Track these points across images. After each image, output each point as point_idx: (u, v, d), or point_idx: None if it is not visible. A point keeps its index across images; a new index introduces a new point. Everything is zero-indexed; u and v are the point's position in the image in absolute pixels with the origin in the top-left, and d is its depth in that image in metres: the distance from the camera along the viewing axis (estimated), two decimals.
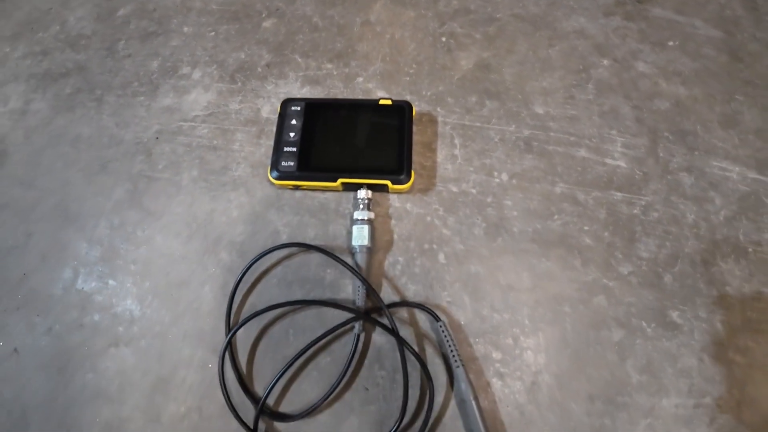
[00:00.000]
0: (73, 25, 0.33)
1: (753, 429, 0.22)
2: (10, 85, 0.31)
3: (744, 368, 0.23)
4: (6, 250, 0.26)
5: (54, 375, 0.23)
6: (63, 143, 0.28)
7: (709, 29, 0.32)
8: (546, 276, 0.22)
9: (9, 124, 0.29)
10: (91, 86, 0.30)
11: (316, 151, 0.23)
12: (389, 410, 0.20)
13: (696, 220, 0.25)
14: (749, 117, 0.28)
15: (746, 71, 0.30)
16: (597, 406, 0.21)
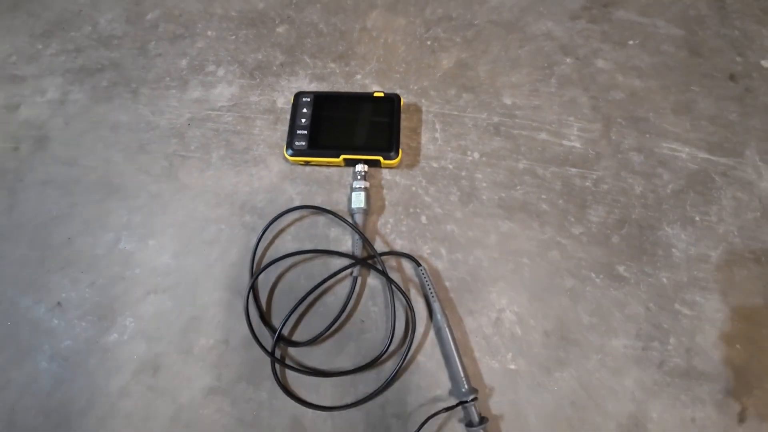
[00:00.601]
0: (104, 27, 0.40)
1: (704, 376, 0.27)
2: (47, 78, 0.38)
3: (692, 320, 0.28)
4: (50, 219, 0.32)
5: (95, 322, 0.29)
6: (103, 128, 0.35)
7: (671, 28, 0.38)
8: (509, 235, 0.29)
9: (48, 112, 0.36)
10: (127, 80, 0.36)
11: (322, 133, 0.30)
12: (380, 338, 0.27)
13: (644, 192, 0.31)
14: (703, 105, 0.34)
15: (705, 65, 0.36)
16: (552, 341, 0.27)
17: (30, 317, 0.30)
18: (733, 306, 0.29)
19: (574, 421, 0.26)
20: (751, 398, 0.27)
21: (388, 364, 0.27)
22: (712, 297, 0.29)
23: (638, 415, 0.27)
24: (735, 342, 0.28)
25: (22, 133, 0.36)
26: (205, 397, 0.27)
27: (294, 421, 0.26)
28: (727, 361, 0.28)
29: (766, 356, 0.28)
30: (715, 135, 0.33)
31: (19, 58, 0.40)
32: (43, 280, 0.31)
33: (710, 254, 0.30)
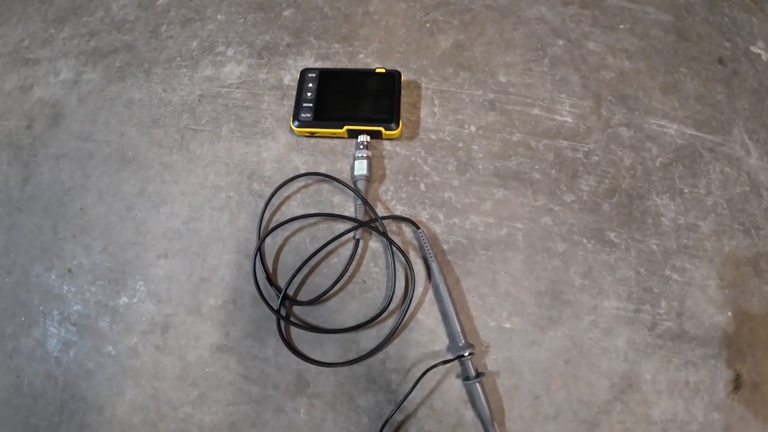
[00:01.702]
0: (116, 12, 0.43)
1: (696, 340, 0.29)
2: (60, 60, 0.41)
3: (682, 285, 0.30)
4: (64, 190, 0.35)
5: (106, 287, 0.31)
6: (117, 105, 0.38)
7: (660, 14, 0.40)
8: (503, 201, 0.31)
9: (62, 92, 0.39)
10: (140, 61, 0.39)
11: (327, 106, 0.33)
12: (381, 297, 0.29)
13: (633, 164, 0.33)
14: (691, 86, 0.36)
15: (693, 49, 0.38)
16: (545, 301, 0.29)
17: (41, 284, 0.33)
18: (722, 274, 0.31)
19: (568, 378, 0.28)
20: (744, 365, 0.29)
21: (388, 321, 0.29)
22: (702, 264, 0.31)
23: (631, 375, 0.29)
24: (726, 309, 0.30)
25: (35, 112, 0.39)
26: (212, 354, 0.29)
27: (298, 376, 0.28)
28: (718, 328, 0.30)
29: (757, 324, 0.30)
30: (703, 113, 0.35)
31: (32, 43, 0.43)
32: (56, 248, 0.33)
33: (699, 224, 0.32)
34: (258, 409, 0.28)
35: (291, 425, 0.27)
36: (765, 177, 0.34)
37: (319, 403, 0.27)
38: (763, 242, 0.32)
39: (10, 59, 0.42)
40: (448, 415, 0.27)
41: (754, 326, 0.30)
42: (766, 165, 0.34)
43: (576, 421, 0.27)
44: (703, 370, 0.28)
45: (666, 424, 0.27)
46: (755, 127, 0.35)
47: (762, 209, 0.33)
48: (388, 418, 0.26)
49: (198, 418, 0.28)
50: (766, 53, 0.40)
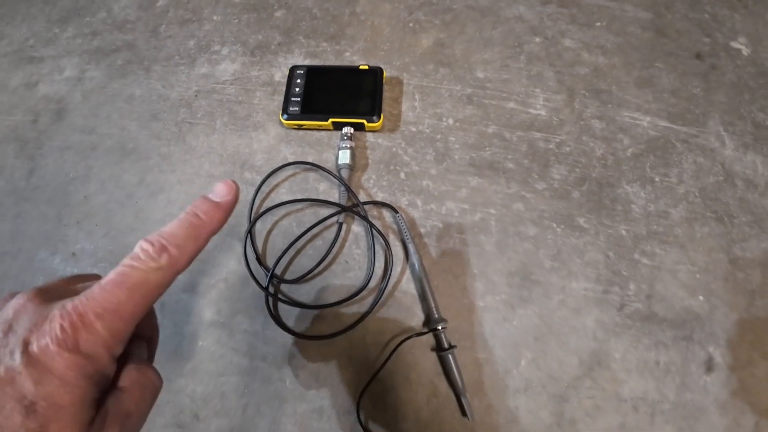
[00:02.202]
0: (118, 13, 0.46)
1: (666, 322, 0.31)
2: (64, 58, 0.44)
3: (651, 269, 0.32)
4: (68, 180, 0.38)
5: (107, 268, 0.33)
6: (118, 100, 0.41)
7: (639, 12, 0.42)
8: (477, 189, 0.34)
9: (66, 88, 0.42)
10: (140, 59, 0.42)
11: (314, 100, 0.35)
12: (362, 276, 0.32)
13: (604, 155, 0.35)
14: (666, 80, 0.38)
15: (670, 44, 0.40)
16: (516, 281, 0.32)
17: (45, 267, 0.35)
18: (694, 260, 0.33)
19: (538, 354, 0.30)
20: (718, 348, 0.31)
21: (368, 298, 0.31)
22: (672, 250, 0.33)
23: (600, 353, 0.31)
24: (697, 293, 0.32)
25: (40, 107, 0.42)
26: (205, 329, 0.32)
27: (285, 349, 0.31)
28: (690, 311, 0.32)
29: (730, 309, 0.32)
30: (678, 106, 0.37)
31: (37, 42, 0.46)
32: (60, 234, 0.36)
33: (670, 211, 0.34)
34: (247, 380, 0.30)
35: (277, 394, 0.30)
36: (740, 167, 0.36)
37: (304, 373, 0.30)
38: (737, 230, 0.34)
39: (15, 57, 0.46)
40: (423, 386, 0.29)
41: (728, 311, 0.32)
42: (741, 156, 0.36)
43: (545, 394, 0.29)
44: (674, 351, 0.30)
45: (636, 401, 0.29)
46: (732, 120, 0.37)
47: (736, 198, 0.35)
48: (365, 386, 0.29)
49: (191, 388, 0.30)
50: (747, 48, 0.42)
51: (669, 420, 0.29)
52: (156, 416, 0.31)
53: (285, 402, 0.30)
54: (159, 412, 0.31)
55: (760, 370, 0.31)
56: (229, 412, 0.30)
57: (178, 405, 0.30)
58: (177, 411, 0.31)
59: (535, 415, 0.29)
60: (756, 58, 0.40)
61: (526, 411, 0.29)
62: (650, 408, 0.30)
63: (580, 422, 0.29)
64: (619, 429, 0.30)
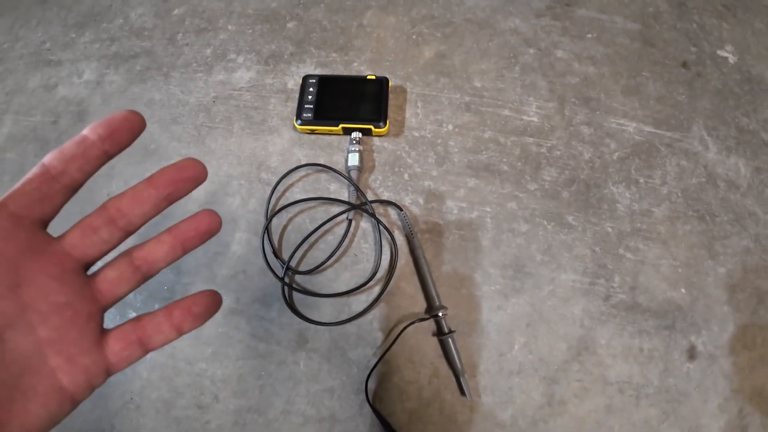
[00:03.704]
0: (135, 20, 0.51)
1: (649, 312, 0.35)
2: (83, 62, 0.48)
3: (635, 263, 0.37)
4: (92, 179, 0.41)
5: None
6: (138, 105, 0.45)
7: (628, 23, 0.47)
8: (475, 189, 0.39)
9: (86, 92, 0.47)
10: (159, 65, 0.47)
11: (325, 107, 0.40)
12: (370, 268, 0.37)
13: (591, 158, 0.40)
14: (653, 88, 0.43)
15: (657, 54, 0.45)
16: (509, 273, 0.36)
17: None
18: (676, 255, 0.37)
19: (530, 339, 0.35)
20: (699, 337, 0.35)
21: (375, 288, 0.36)
22: (655, 246, 0.37)
23: (587, 339, 0.35)
24: (679, 286, 0.36)
25: (61, 109, 0.47)
26: (225, 317, 0.36)
27: (299, 335, 0.36)
28: (672, 302, 0.36)
29: (711, 301, 0.36)
30: (663, 113, 0.42)
31: (53, 45, 0.51)
32: None
33: (653, 210, 0.39)
34: (263, 363, 0.35)
35: (291, 376, 0.34)
36: (723, 169, 0.41)
37: (316, 356, 0.35)
38: (718, 228, 0.39)
39: (32, 60, 0.50)
40: (425, 368, 0.34)
41: (710, 303, 0.36)
42: (724, 159, 0.41)
43: (537, 377, 0.34)
44: (657, 339, 0.35)
45: (622, 385, 0.34)
46: (715, 125, 0.42)
47: (718, 198, 0.40)
48: (373, 368, 0.33)
49: (211, 372, 0.35)
50: (733, 56, 0.47)
51: (653, 403, 0.34)
52: (177, 398, 0.35)
53: (299, 383, 0.34)
54: (179, 394, 0.35)
55: (741, 360, 0.35)
56: (246, 393, 0.35)
57: (199, 387, 0.35)
58: (198, 393, 0.35)
59: (528, 395, 0.34)
60: (742, 65, 0.45)
61: (519, 391, 0.34)
62: (635, 391, 0.34)
63: (569, 403, 0.34)
64: (606, 410, 0.34)
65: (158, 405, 0.35)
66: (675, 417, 0.34)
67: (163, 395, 0.35)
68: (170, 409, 0.35)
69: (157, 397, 0.35)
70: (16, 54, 0.52)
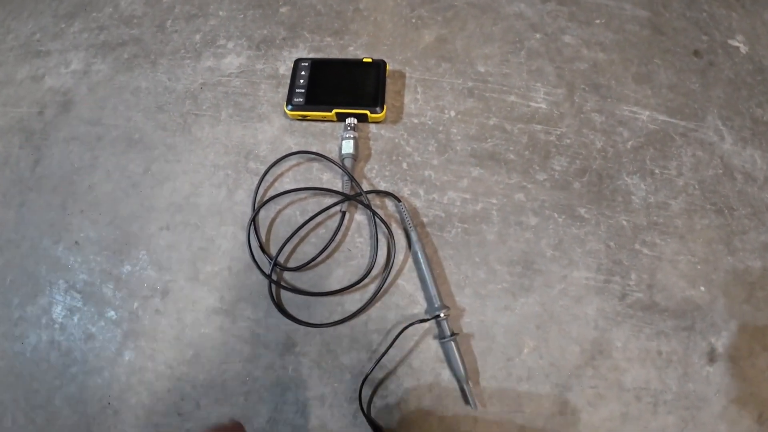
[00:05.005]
0: (125, 8, 0.45)
1: (667, 312, 0.30)
2: (71, 52, 0.43)
3: (652, 259, 0.31)
4: (74, 170, 0.37)
5: (110, 257, 0.34)
6: (124, 93, 0.40)
7: (637, 10, 0.42)
8: (479, 179, 0.33)
9: (72, 81, 0.41)
10: (146, 53, 0.41)
11: (318, 91, 0.35)
12: (365, 264, 0.31)
13: (604, 147, 0.35)
14: (665, 76, 0.38)
15: (667, 42, 0.39)
16: (517, 269, 0.31)
17: (49, 256, 0.34)
18: (694, 250, 0.32)
19: (540, 342, 0.29)
20: (719, 339, 0.30)
21: (370, 286, 0.30)
22: (672, 240, 0.32)
23: (602, 341, 0.30)
24: (698, 284, 0.31)
25: (47, 99, 0.41)
26: (208, 317, 0.31)
27: (287, 337, 0.30)
28: (691, 301, 0.31)
29: (731, 300, 0.31)
30: (676, 101, 0.37)
31: (43, 36, 0.45)
32: (64, 223, 0.35)
33: (669, 203, 0.33)
34: (249, 367, 0.29)
35: (280, 381, 0.29)
36: (739, 161, 0.35)
37: (306, 361, 0.29)
38: (736, 222, 0.33)
39: (22, 51, 0.45)
40: (426, 374, 0.28)
41: (729, 303, 0.31)
42: (740, 150, 0.35)
43: (548, 383, 0.28)
44: (676, 341, 0.29)
45: (639, 391, 0.28)
46: (730, 115, 0.37)
47: (735, 191, 0.34)
48: (368, 373, 0.27)
49: (192, 376, 0.29)
50: (745, 46, 0.41)
51: (672, 410, 0.29)
52: (156, 404, 0.30)
53: (287, 389, 0.29)
54: (159, 399, 0.30)
55: (761, 361, 0.30)
56: (230, 400, 0.29)
57: (179, 392, 0.29)
58: (178, 398, 0.30)
59: (538, 404, 0.28)
60: (753, 56, 0.39)
61: (528, 399, 0.28)
62: (653, 398, 0.29)
63: (582, 411, 0.28)
64: (622, 418, 0.29)
65: (137, 411, 0.30)
66: (694, 424, 0.28)
67: (143, 400, 0.30)
68: (150, 415, 0.30)
69: (137, 402, 0.30)
70: (7, 46, 0.46)
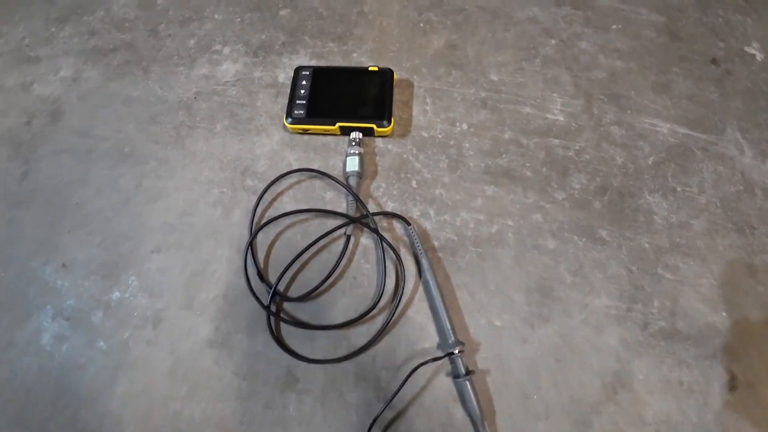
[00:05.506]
0: (117, 11, 0.40)
1: (690, 340, 0.26)
2: (60, 58, 0.38)
3: (675, 284, 0.28)
4: (63, 185, 0.32)
5: (99, 281, 0.29)
6: (115, 102, 0.35)
7: (653, 15, 0.37)
8: (493, 198, 0.29)
9: (62, 89, 0.37)
10: (138, 59, 0.37)
11: (320, 103, 0.30)
12: (372, 293, 0.27)
13: (624, 163, 0.31)
14: (684, 86, 0.34)
15: (684, 49, 0.36)
16: (535, 298, 0.27)
17: (36, 278, 0.30)
18: (716, 273, 0.28)
19: (559, 377, 0.25)
20: (739, 366, 0.26)
21: (378, 318, 0.26)
22: (695, 263, 0.28)
23: (623, 374, 0.26)
24: (720, 309, 0.27)
25: (35, 108, 0.36)
26: (203, 349, 0.26)
27: (288, 372, 0.26)
28: (712, 327, 0.27)
29: (750, 324, 0.27)
30: (695, 113, 0.33)
31: (33, 41, 0.40)
32: (53, 243, 0.31)
33: (691, 222, 0.29)
34: (247, 405, 0.25)
35: (280, 421, 0.25)
36: (759, 176, 0.31)
37: (309, 399, 0.25)
38: (757, 242, 0.29)
39: (11, 57, 0.40)
40: (438, 413, 0.24)
41: (749, 326, 0.27)
42: (760, 164, 0.32)
43: (567, 420, 0.24)
44: (697, 370, 0.26)
45: (659, 425, 0.25)
46: (749, 127, 0.33)
47: (756, 209, 0.30)
48: (377, 415, 0.23)
49: (187, 413, 0.25)
50: (760, 54, 0.37)
51: None
52: None
53: (288, 430, 0.25)
54: None
55: None
56: None
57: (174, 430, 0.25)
58: None
59: None
60: None
61: None
62: (673, 431, 0.25)
63: None
64: None
65: None
66: None
67: None
68: None
69: None
70: None
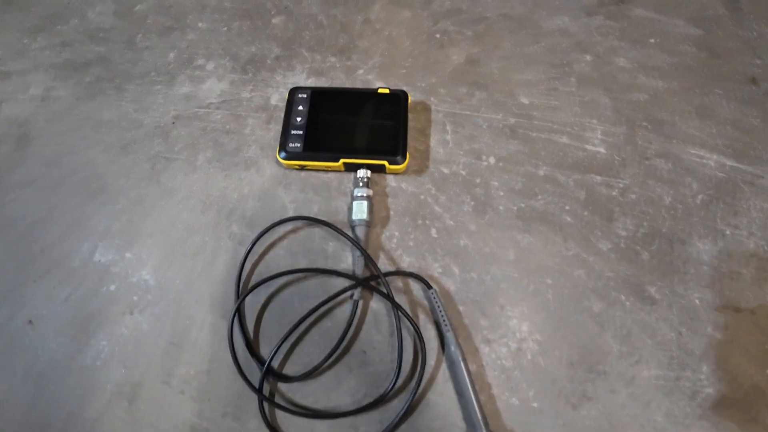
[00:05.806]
0: (92, 19, 0.34)
1: (735, 405, 0.22)
2: (31, 74, 0.32)
3: (724, 345, 0.23)
4: (28, 225, 0.26)
5: (68, 343, 0.23)
6: (85, 127, 0.29)
7: (690, 27, 0.32)
8: (529, 250, 0.23)
9: (29, 110, 0.31)
10: (112, 75, 0.31)
11: (320, 134, 0.24)
12: (385, 372, 0.21)
13: (673, 203, 0.25)
14: (727, 109, 0.29)
15: (725, 67, 0.31)
16: (579, 373, 0.21)
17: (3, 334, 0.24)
18: (763, 328, 0.23)
19: None
20: None
21: (394, 402, 0.21)
22: (744, 319, 0.23)
23: None
24: (764, 366, 0.23)
25: (2, 132, 0.30)
26: None
27: None
28: (757, 388, 0.22)
29: None
30: (740, 141, 0.27)
31: (6, 54, 0.34)
32: (18, 294, 0.25)
33: (742, 272, 0.24)
34: None
35: None
36: None
37: None
38: None
39: None
40: None
41: None
42: None
43: None
44: None
45: None
46: None
47: None
48: None
49: None
50: None
51: None
52: None
53: None
54: None
55: None
56: None
57: None
58: None
59: None
60: None
61: None
62: None
63: None
64: None
65: None
66: None
67: None
68: None
69: None
70: None
